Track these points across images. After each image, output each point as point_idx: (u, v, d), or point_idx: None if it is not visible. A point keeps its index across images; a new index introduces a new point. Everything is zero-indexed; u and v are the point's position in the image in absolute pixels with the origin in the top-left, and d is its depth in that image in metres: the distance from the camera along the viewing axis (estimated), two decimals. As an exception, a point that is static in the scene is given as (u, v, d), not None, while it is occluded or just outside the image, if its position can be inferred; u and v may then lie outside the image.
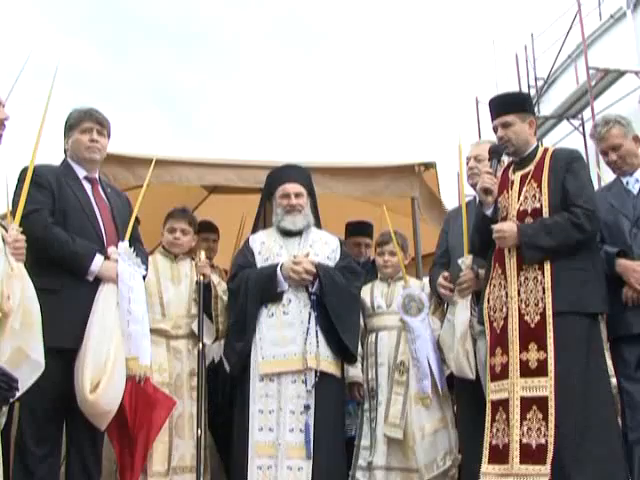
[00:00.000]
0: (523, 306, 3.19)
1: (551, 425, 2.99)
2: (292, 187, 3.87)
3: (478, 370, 3.49)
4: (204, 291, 3.82)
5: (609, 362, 3.18)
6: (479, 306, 3.45)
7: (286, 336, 3.61)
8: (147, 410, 3.32)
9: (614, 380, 3.20)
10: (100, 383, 3.04)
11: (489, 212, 3.38)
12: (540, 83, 12.82)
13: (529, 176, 3.35)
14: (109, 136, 3.49)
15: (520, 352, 3.15)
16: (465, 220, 3.70)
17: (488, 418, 3.23)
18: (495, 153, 3.46)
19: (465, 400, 3.68)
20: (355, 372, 4.01)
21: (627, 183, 3.51)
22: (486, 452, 3.19)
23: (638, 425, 3.17)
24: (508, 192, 3.39)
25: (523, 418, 3.08)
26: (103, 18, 31.08)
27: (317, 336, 3.60)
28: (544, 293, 3.14)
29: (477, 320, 3.49)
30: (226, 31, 35.26)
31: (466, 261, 3.63)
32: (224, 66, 34.64)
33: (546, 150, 3.43)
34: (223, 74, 36.12)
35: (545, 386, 3.06)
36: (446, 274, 3.74)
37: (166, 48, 34.18)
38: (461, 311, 3.59)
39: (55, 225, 3.18)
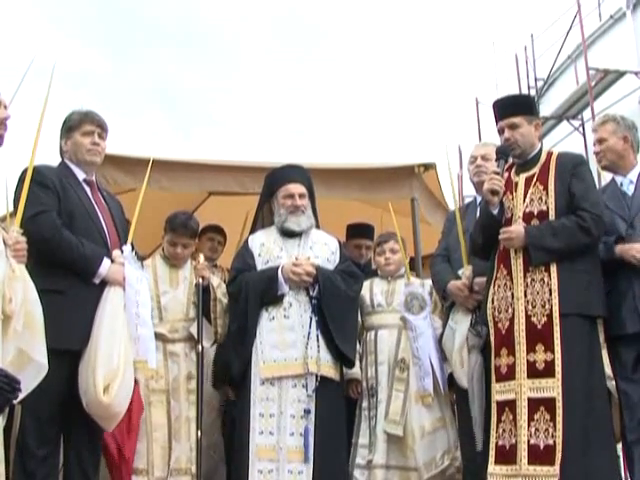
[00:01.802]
0: (530, 307, 3.19)
1: (559, 426, 2.99)
2: (295, 187, 3.81)
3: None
4: (203, 294, 3.81)
5: (607, 364, 3.19)
6: (482, 307, 3.44)
7: (287, 340, 3.58)
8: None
9: (614, 383, 3.20)
10: (112, 385, 3.03)
11: (495, 211, 3.36)
12: (540, 84, 12.79)
13: (534, 178, 3.34)
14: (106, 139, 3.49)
15: (527, 353, 3.15)
16: (460, 227, 3.70)
17: (493, 419, 3.22)
18: (502, 154, 3.43)
19: (465, 400, 3.67)
20: (353, 369, 3.96)
21: (621, 184, 3.50)
22: (492, 452, 3.18)
23: (636, 425, 3.16)
24: (512, 194, 3.38)
25: (531, 419, 3.07)
26: (103, 19, 31.11)
27: (318, 340, 3.57)
28: (551, 294, 3.15)
29: (474, 323, 3.48)
30: (226, 31, 35.30)
31: (466, 272, 3.63)
32: (224, 66, 34.67)
33: (550, 153, 3.43)
34: (223, 74, 36.15)
35: (552, 387, 3.06)
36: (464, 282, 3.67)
37: (166, 48, 34.20)
38: (463, 321, 3.58)
39: (64, 227, 3.17)
